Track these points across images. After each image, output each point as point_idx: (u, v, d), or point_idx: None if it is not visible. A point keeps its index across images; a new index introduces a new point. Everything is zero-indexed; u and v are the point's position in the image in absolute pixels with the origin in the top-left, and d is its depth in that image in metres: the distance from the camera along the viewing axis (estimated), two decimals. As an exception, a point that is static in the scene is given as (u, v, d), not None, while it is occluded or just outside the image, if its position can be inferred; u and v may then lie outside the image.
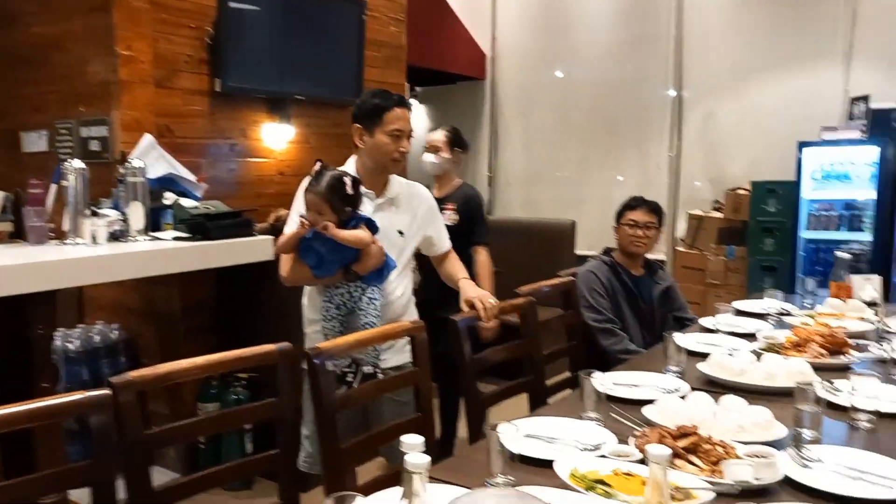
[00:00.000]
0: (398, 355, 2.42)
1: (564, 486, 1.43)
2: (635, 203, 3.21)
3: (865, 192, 4.93)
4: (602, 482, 1.41)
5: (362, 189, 2.28)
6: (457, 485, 1.50)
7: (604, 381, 2.18)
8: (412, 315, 2.53)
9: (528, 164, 6.91)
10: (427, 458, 1.01)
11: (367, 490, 1.62)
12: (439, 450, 2.60)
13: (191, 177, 3.41)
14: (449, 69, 6.57)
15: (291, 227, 2.34)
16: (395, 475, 1.11)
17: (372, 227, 2.28)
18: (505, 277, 3.91)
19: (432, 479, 1.57)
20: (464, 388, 2.29)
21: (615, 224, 3.24)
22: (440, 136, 3.52)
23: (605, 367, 2.45)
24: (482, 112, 7.01)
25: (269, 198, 4.14)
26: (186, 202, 3.17)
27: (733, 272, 5.59)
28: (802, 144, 5.02)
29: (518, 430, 1.81)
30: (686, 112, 6.06)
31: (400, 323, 2.23)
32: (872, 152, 4.83)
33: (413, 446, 1.03)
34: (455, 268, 2.65)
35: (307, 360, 1.75)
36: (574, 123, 6.55)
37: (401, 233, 2.45)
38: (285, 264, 2.33)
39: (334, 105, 4.48)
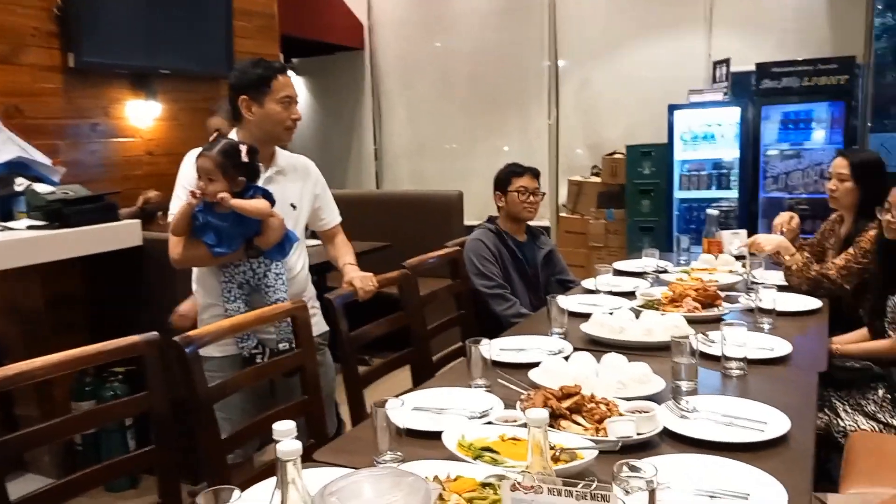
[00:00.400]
0: (317, 327, 2.36)
1: (453, 456, 1.41)
2: (521, 170, 3.22)
3: (731, 152, 5.21)
4: (489, 449, 1.40)
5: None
6: (343, 466, 1.45)
7: (491, 348, 2.19)
8: (311, 290, 2.49)
9: (413, 137, 6.86)
10: (298, 445, 0.95)
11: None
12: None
13: (45, 160, 3.13)
14: (325, 39, 6.38)
15: (178, 206, 2.20)
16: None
17: (269, 199, 2.19)
18: (394, 251, 3.87)
19: (318, 462, 1.53)
20: (342, 366, 2.23)
21: (499, 192, 3.24)
22: (218, 120, 3.22)
23: (497, 332, 2.48)
24: (363, 83, 6.88)
25: (137, 180, 3.89)
26: (41, 188, 2.91)
27: (614, 234, 5.80)
28: (672, 107, 5.23)
29: (405, 405, 1.78)
30: (562, 80, 6.18)
31: (278, 304, 2.14)
32: (735, 113, 5.10)
33: (284, 432, 0.97)
34: (342, 251, 2.57)
35: (176, 350, 1.64)
36: (457, 94, 6.55)
37: (293, 206, 2.38)
38: (177, 245, 2.19)
39: (204, 79, 4.25)
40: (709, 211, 3.76)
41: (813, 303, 2.62)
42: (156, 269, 2.20)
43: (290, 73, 2.39)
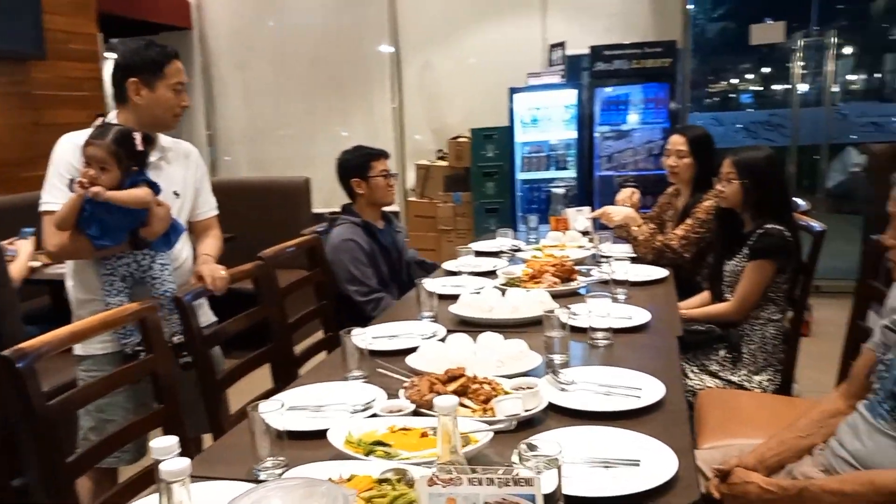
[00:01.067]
0: (205, 317, 2.33)
1: (341, 455, 1.33)
2: (378, 153, 3.12)
3: (568, 133, 5.44)
4: (380, 443, 1.33)
5: None
6: (221, 479, 1.32)
7: (364, 337, 2.11)
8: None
9: (250, 121, 6.54)
10: (186, 462, 0.83)
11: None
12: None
13: None
14: (148, 17, 5.90)
15: (56, 196, 2.07)
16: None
17: (154, 189, 2.09)
18: (241, 243, 3.66)
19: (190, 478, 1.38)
20: (196, 367, 2.06)
21: (358, 178, 3.11)
22: None
23: (361, 322, 2.39)
24: (192, 64, 6.42)
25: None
26: None
27: (461, 217, 5.89)
28: (513, 90, 5.37)
29: (281, 405, 1.67)
30: (404, 64, 6.15)
31: (127, 306, 1.93)
32: (572, 95, 5.33)
33: (165, 450, 0.84)
34: (207, 244, 2.39)
35: (5, 366, 1.41)
36: (296, 77, 6.32)
37: (176, 194, 2.28)
38: (54, 236, 2.05)
39: (10, 59, 3.76)
40: (554, 190, 3.90)
41: (660, 272, 2.78)
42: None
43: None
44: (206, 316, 2.37)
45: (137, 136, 2.04)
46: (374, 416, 1.53)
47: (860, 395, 1.62)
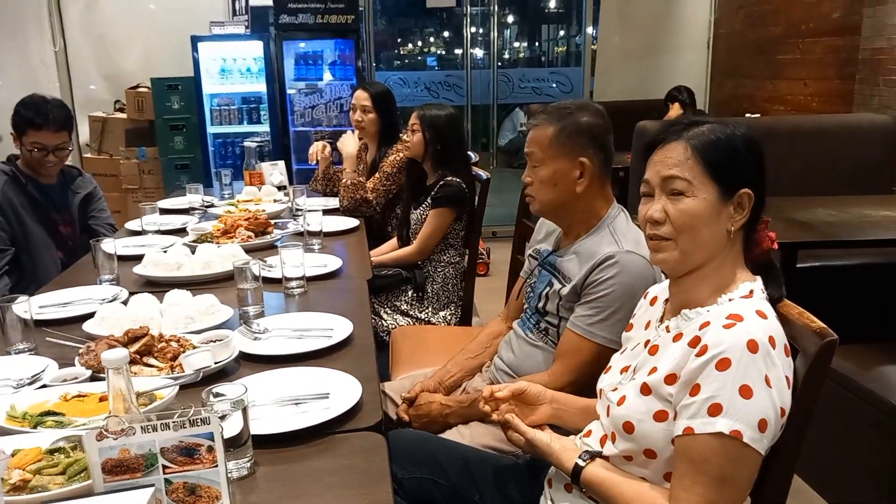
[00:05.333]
0: None
1: (4, 432, 1.19)
2: (40, 120, 2.58)
3: (259, 86, 5.31)
4: (51, 413, 1.22)
5: None
6: None
7: (28, 307, 1.89)
8: None
9: None
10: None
11: None
12: None
13: None
14: None
15: None
16: None
17: None
18: None
19: None
20: None
21: (16, 137, 2.68)
22: None
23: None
24: None
25: None
26: None
27: (149, 174, 5.46)
28: (195, 39, 5.06)
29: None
30: (65, 1, 5.42)
31: None
32: (259, 47, 5.19)
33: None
34: None
35: None
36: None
37: None
38: None
39: None
40: (246, 143, 3.80)
41: (352, 222, 2.90)
42: None
43: None
44: None
45: None
46: (43, 387, 1.39)
47: (516, 315, 1.89)
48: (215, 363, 1.47)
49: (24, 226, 2.65)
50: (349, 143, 3.20)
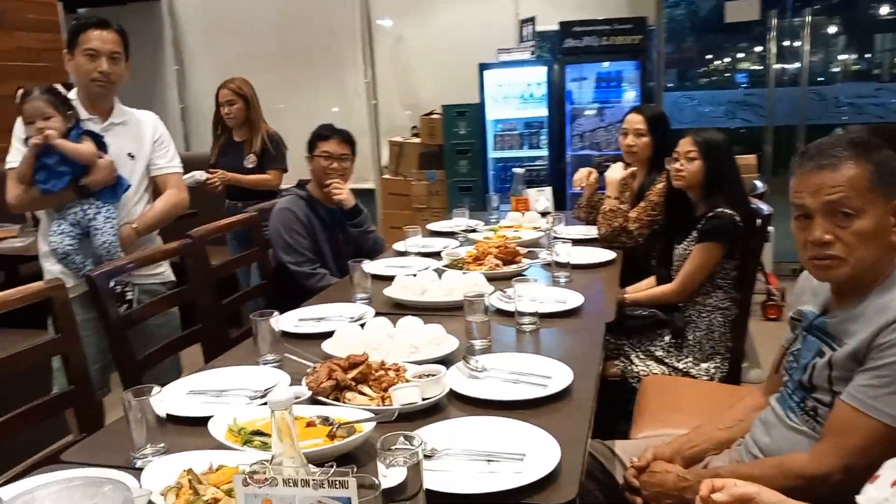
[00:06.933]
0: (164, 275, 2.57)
1: (221, 445, 1.27)
2: (328, 132, 3.00)
3: (540, 111, 5.34)
4: (260, 433, 1.28)
5: (85, 114, 2.39)
6: (96, 465, 1.27)
7: (288, 319, 2.06)
8: (158, 240, 2.63)
9: (224, 94, 6.41)
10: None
11: None
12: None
13: None
14: (116, -12, 5.77)
15: (16, 155, 2.34)
16: None
17: (98, 140, 2.33)
18: (205, 219, 3.57)
19: (67, 463, 1.33)
20: (113, 349, 2.01)
21: (308, 155, 3.04)
22: None
23: (302, 295, 2.44)
24: (162, 37, 6.30)
25: None
26: None
27: (435, 195, 5.80)
28: (483, 66, 5.26)
29: (179, 388, 1.62)
30: (377, 38, 6.01)
31: (31, 286, 1.86)
32: (542, 72, 5.22)
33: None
34: (158, 200, 2.59)
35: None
36: (267, 49, 6.18)
37: (131, 155, 2.49)
38: (13, 189, 2.33)
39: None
40: (515, 170, 3.82)
41: (607, 255, 2.72)
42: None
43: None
44: (165, 275, 2.57)
45: (60, 87, 2.34)
46: (265, 404, 1.48)
47: (775, 389, 1.57)
48: (423, 399, 1.44)
49: (318, 244, 2.95)
50: (615, 169, 3.04)
